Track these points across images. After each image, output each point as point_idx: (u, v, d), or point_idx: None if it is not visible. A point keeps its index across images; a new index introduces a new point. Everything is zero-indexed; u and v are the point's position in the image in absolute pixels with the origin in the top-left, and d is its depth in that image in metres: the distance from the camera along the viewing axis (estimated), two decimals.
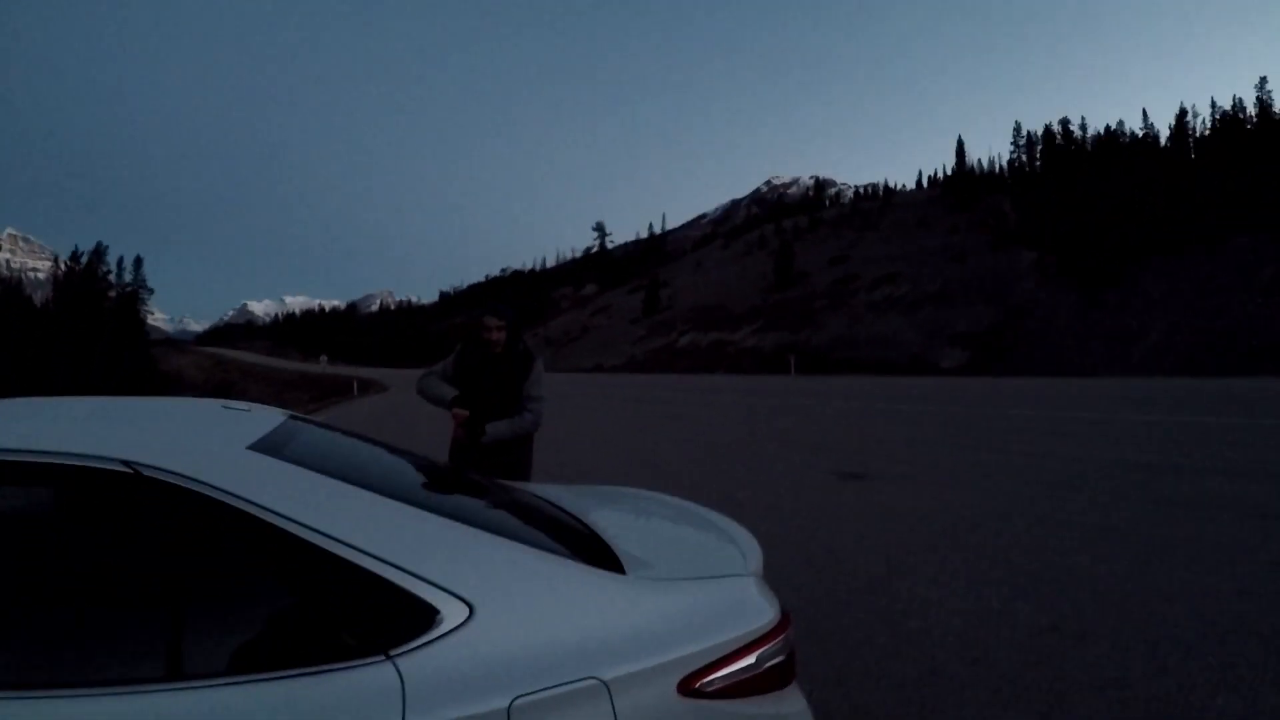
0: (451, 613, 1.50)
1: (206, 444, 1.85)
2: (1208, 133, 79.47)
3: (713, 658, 1.62)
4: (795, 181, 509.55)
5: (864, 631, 4.33)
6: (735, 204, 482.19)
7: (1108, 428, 14.44)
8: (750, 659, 1.67)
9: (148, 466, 1.56)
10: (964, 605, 4.72)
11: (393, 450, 2.67)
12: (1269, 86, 74.94)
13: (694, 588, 1.83)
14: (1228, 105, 79.28)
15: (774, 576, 2.31)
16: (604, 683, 1.49)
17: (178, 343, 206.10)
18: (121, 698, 1.36)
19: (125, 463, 1.56)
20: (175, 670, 1.43)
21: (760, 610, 1.78)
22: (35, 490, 1.67)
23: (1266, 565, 5.37)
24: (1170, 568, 5.35)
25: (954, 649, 4.03)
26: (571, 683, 1.47)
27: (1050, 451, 11.32)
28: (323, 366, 75.98)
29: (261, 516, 1.53)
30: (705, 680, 1.60)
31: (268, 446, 1.86)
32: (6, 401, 2.18)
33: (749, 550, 2.22)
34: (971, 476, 9.33)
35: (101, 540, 1.66)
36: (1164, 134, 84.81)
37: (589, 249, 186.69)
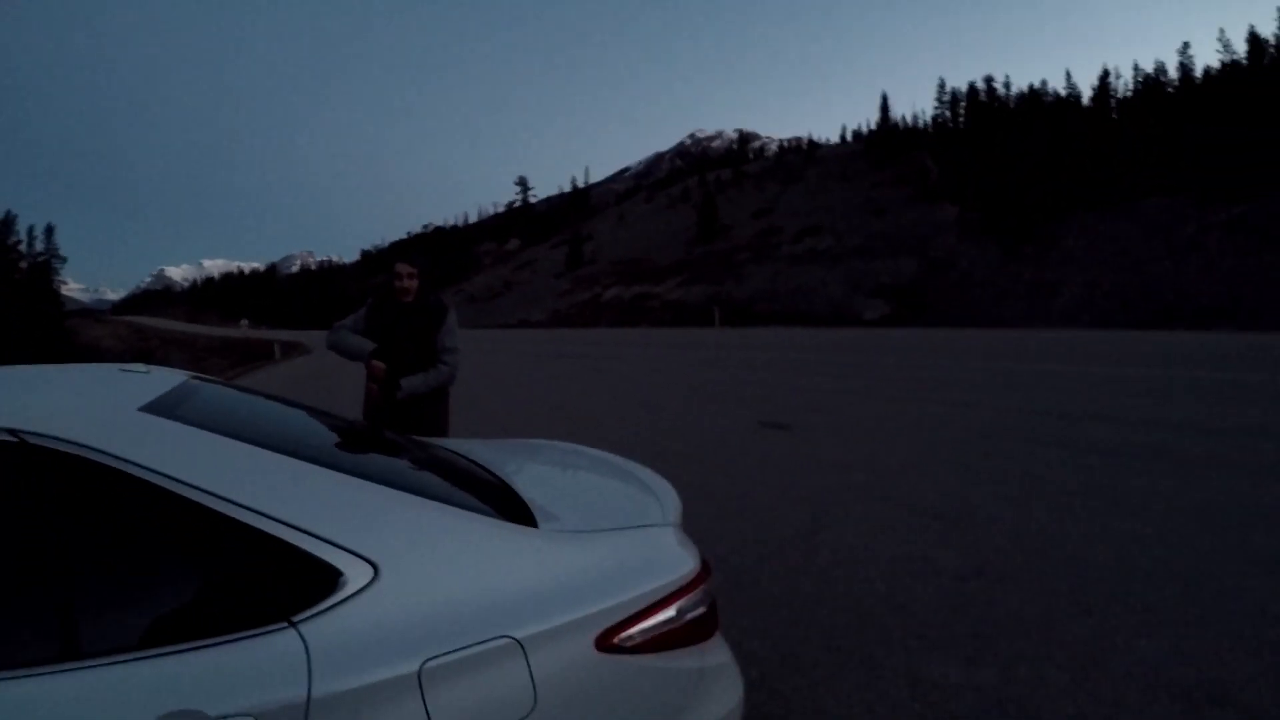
0: (355, 574, 1.43)
1: (95, 408, 1.71)
2: (1130, 95, 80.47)
3: (631, 611, 1.57)
4: (719, 135, 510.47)
5: (790, 581, 4.31)
6: (659, 157, 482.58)
7: (1025, 378, 14.76)
8: (670, 611, 1.63)
9: (33, 434, 1.45)
10: (888, 552, 4.73)
11: (300, 409, 2.55)
12: (1190, 51, 75.96)
13: (609, 539, 1.78)
14: (1150, 69, 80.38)
15: (698, 528, 2.43)
16: (518, 641, 1.45)
17: (95, 312, 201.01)
18: (13, 681, 1.27)
19: (9, 430, 1.45)
20: (70, 649, 1.34)
21: (679, 560, 1.74)
22: None
23: (1185, 511, 5.42)
24: (1091, 514, 5.41)
25: (879, 596, 4.04)
26: (483, 643, 1.42)
27: (972, 401, 11.53)
28: (244, 331, 74.49)
29: (154, 481, 1.44)
30: (624, 635, 1.56)
31: (162, 408, 1.73)
32: None
33: (667, 500, 2.16)
34: (894, 426, 9.42)
35: None
36: (1086, 95, 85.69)
37: (511, 204, 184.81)
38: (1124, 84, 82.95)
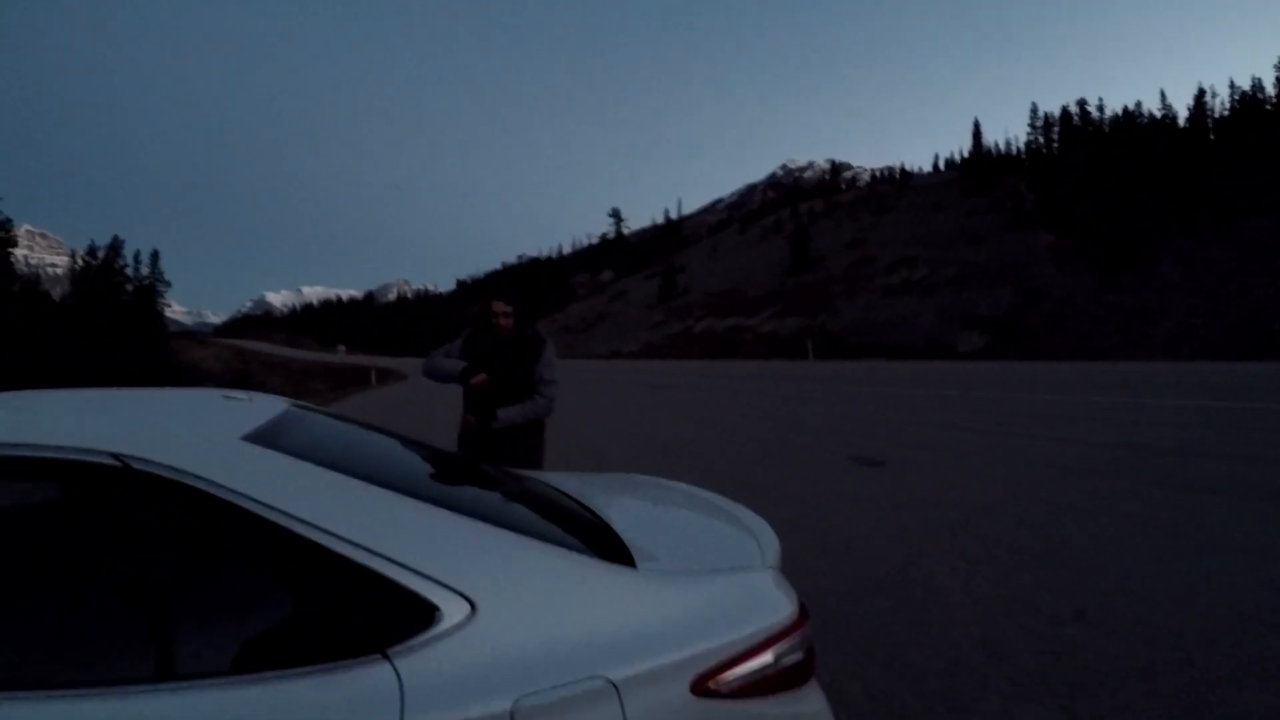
0: (452, 610, 1.45)
1: (198, 435, 1.79)
2: (1226, 113, 78.01)
3: (727, 655, 1.56)
4: (811, 165, 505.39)
5: (882, 621, 4.24)
6: (751, 188, 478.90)
7: (1128, 412, 14.23)
8: (767, 656, 1.62)
9: (137, 459, 1.52)
10: (984, 594, 4.62)
11: (398, 439, 2.64)
12: None
13: (708, 581, 1.77)
14: (1247, 85, 78.21)
15: (790, 565, 2.25)
16: (613, 683, 1.44)
17: (196, 335, 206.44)
18: (111, 698, 1.33)
19: (114, 455, 1.52)
20: (166, 670, 1.40)
21: (777, 605, 1.73)
22: (24, 484, 1.62)
23: None
24: (1195, 556, 5.19)
25: (975, 639, 3.93)
26: (578, 682, 1.42)
27: (1070, 436, 11.07)
28: (340, 356, 76.02)
29: (254, 510, 1.49)
30: (720, 679, 1.55)
31: (263, 437, 1.81)
32: (1, 395, 2.15)
33: (766, 542, 2.16)
34: (990, 462, 9.12)
35: (91, 535, 1.60)
36: (1182, 115, 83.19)
37: (605, 235, 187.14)
38: (1220, 102, 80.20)
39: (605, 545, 1.89)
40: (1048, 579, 4.86)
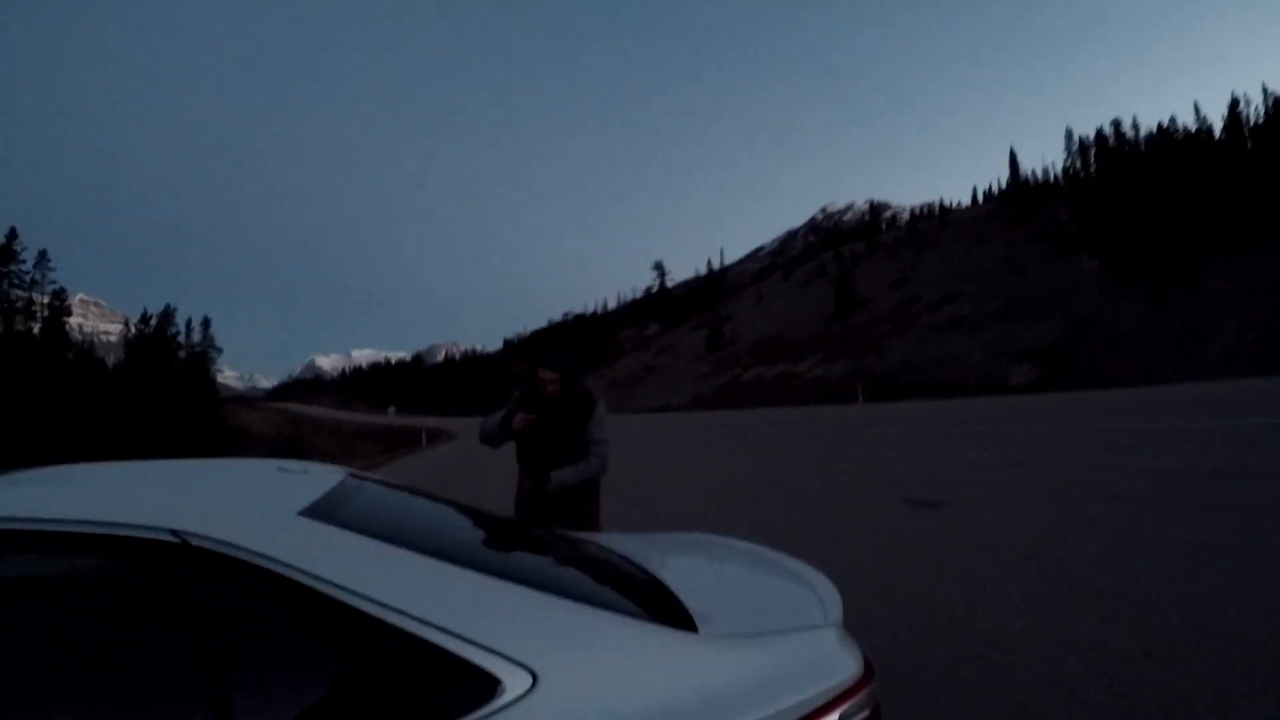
0: (514, 682, 1.43)
1: (257, 511, 1.79)
2: (1261, 121, 76.92)
3: (793, 718, 1.52)
4: (850, 207, 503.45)
5: (947, 668, 4.14)
6: (792, 234, 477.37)
7: (1183, 436, 13.97)
8: (833, 717, 1.57)
9: (196, 535, 1.53)
10: (1050, 634, 4.52)
11: (453, 506, 2.63)
12: None
13: (770, 643, 1.72)
14: None
15: (851, 614, 2.21)
16: None
17: (248, 399, 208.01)
18: None
19: (173, 532, 1.53)
20: None
21: (842, 664, 1.68)
22: (86, 560, 1.61)
23: None
24: (1265, 582, 5.05)
25: (1043, 681, 3.85)
26: None
27: (1128, 465, 10.85)
28: (390, 418, 76.49)
29: (313, 586, 1.48)
30: None
31: (321, 512, 1.81)
32: (57, 469, 2.16)
33: (828, 598, 2.12)
34: (1049, 498, 8.92)
35: (149, 612, 1.57)
36: (1218, 126, 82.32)
37: (649, 288, 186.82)
38: (1255, 110, 78.78)
39: (665, 609, 1.88)
40: (1114, 615, 4.75)
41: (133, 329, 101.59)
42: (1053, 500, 8.77)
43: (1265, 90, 78.04)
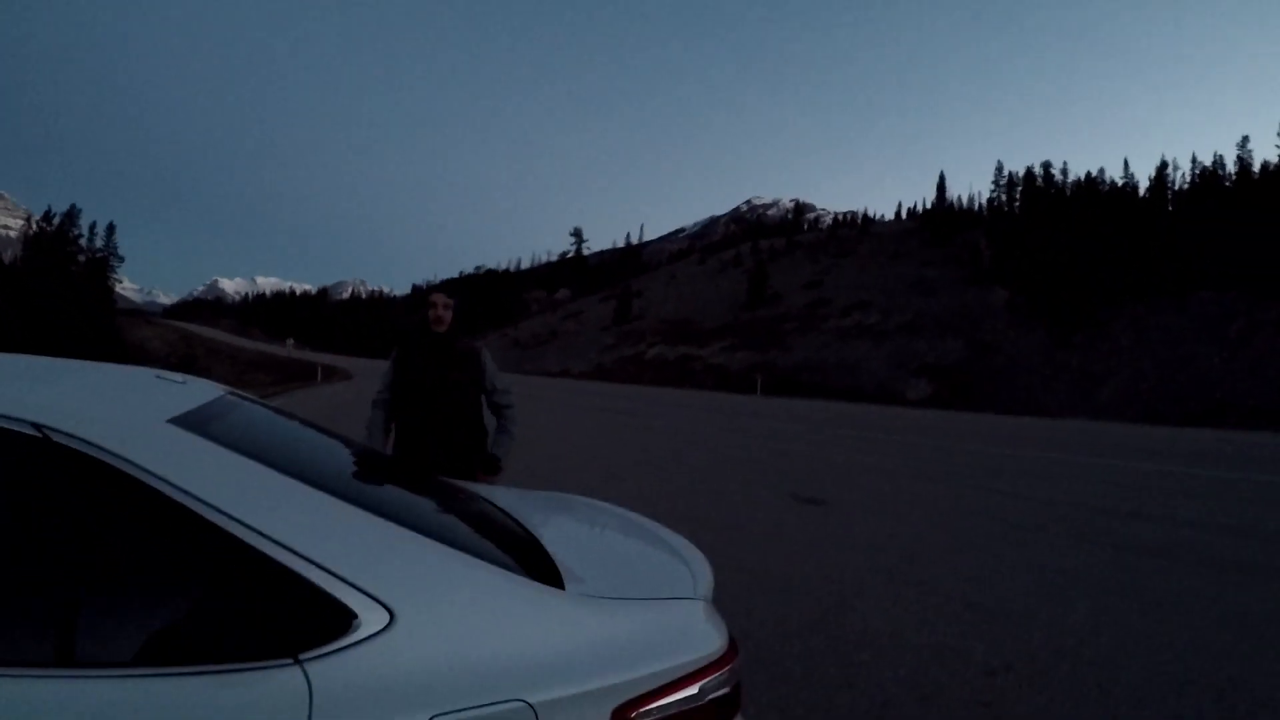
0: (370, 618, 1.37)
1: (124, 413, 1.67)
2: (1186, 187, 79.90)
3: (652, 686, 1.49)
4: (775, 203, 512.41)
5: (813, 661, 4.24)
6: (714, 220, 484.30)
7: (1069, 470, 14.54)
8: (692, 689, 1.54)
9: (57, 431, 1.45)
10: (917, 640, 4.67)
11: (333, 437, 2.56)
12: (1250, 145, 75.69)
13: (637, 609, 1.71)
14: (1209, 161, 79.58)
15: (722, 599, 2.19)
16: (531, 706, 1.37)
17: (145, 314, 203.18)
18: (4, 680, 1.26)
19: (35, 425, 1.45)
20: (66, 655, 1.32)
21: (707, 637, 1.66)
22: None
23: (1222, 619, 5.37)
24: (1126, 615, 5.36)
25: (904, 683, 3.96)
26: (496, 704, 1.36)
27: (1011, 490, 11.31)
28: (289, 350, 74.96)
29: (173, 497, 1.41)
30: (642, 710, 1.48)
31: (192, 422, 1.71)
32: None
33: (700, 572, 2.09)
34: (931, 510, 9.29)
35: (3, 504, 1.49)
36: (1144, 185, 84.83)
37: (565, 254, 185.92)
38: (1182, 176, 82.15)
39: (535, 564, 1.84)
40: (981, 628, 4.93)
41: (34, 226, 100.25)
42: (934, 512, 9.19)
43: (1194, 159, 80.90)
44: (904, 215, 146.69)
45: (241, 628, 1.38)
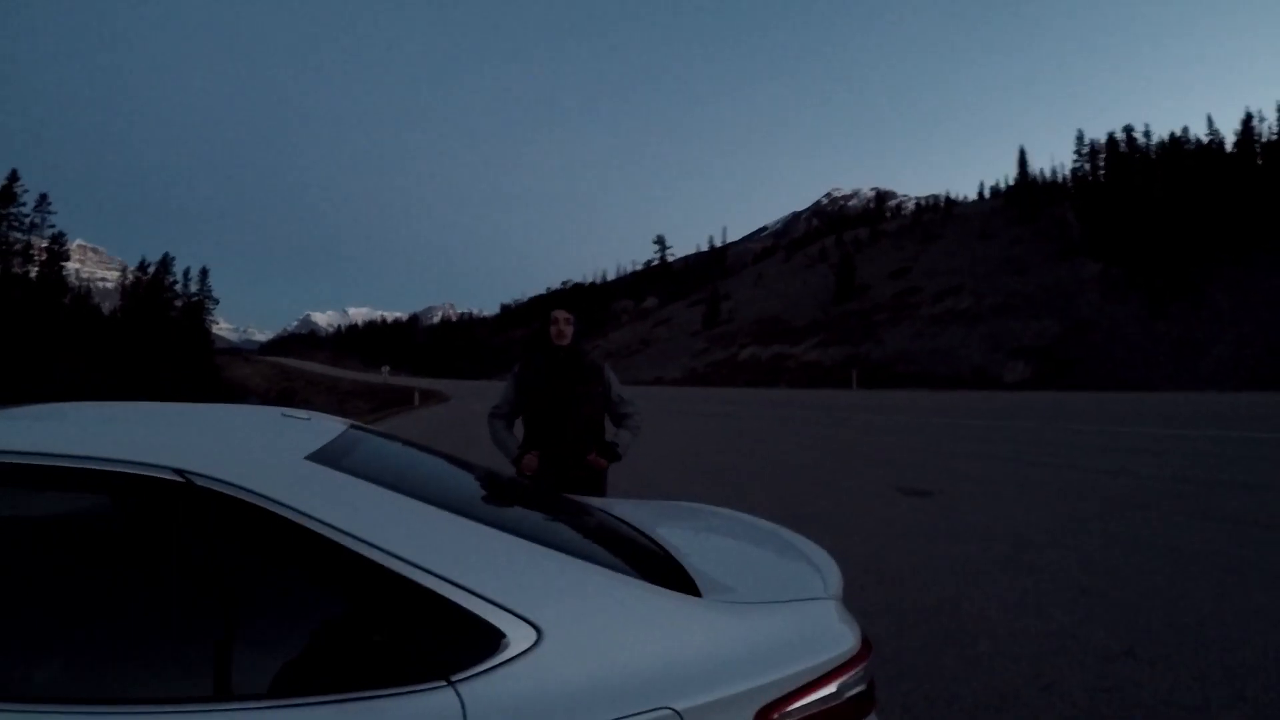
0: (518, 637, 1.42)
1: (262, 453, 1.77)
2: (1275, 137, 76.05)
3: (792, 686, 1.53)
4: (856, 194, 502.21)
5: (931, 654, 4.11)
6: (795, 216, 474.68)
7: (1178, 444, 14.05)
8: (831, 688, 1.58)
9: (200, 475, 1.50)
10: (1035, 627, 4.50)
11: (457, 462, 2.58)
12: None
13: (773, 612, 1.73)
14: None
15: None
16: (679, 713, 1.40)
17: (242, 352, 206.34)
18: (167, 715, 1.32)
19: (177, 471, 1.50)
20: (224, 689, 1.37)
21: (841, 636, 1.68)
22: (86, 496, 1.61)
23: None
24: (1247, 591, 5.06)
25: (1025, 673, 3.82)
26: (644, 713, 1.39)
27: (1120, 468, 10.89)
28: (384, 377, 76.09)
29: (318, 531, 1.46)
30: (784, 711, 1.51)
31: (327, 457, 1.78)
32: (63, 405, 2.15)
33: (828, 572, 2.09)
34: (1039, 495, 8.92)
35: (151, 550, 1.56)
36: (1229, 140, 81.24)
37: (649, 262, 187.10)
38: (1269, 126, 77.57)
39: (669, 574, 1.86)
40: (1099, 613, 4.73)
41: (130, 276, 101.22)
42: (1042, 496, 8.84)
43: (1279, 108, 77.39)
44: (987, 194, 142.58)
45: (394, 654, 1.40)
